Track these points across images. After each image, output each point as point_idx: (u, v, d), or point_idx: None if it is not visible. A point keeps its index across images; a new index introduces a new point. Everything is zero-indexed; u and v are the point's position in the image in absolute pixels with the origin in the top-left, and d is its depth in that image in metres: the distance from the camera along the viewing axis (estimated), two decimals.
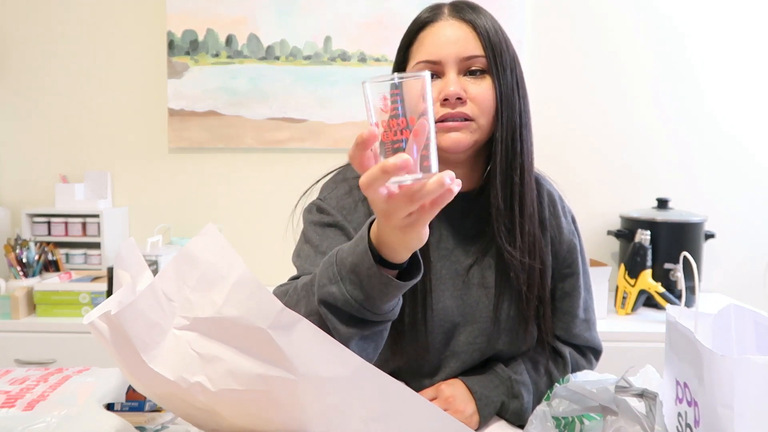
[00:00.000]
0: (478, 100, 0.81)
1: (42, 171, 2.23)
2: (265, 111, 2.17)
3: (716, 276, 2.19)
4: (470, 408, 0.85)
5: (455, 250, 0.90)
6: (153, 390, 0.62)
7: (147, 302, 0.59)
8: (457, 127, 0.81)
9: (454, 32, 0.82)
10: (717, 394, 0.58)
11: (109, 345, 0.59)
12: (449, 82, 0.80)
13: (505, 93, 0.83)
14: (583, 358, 0.96)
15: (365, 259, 0.65)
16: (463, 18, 0.83)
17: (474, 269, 0.89)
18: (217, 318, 0.57)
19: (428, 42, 0.83)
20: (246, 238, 2.21)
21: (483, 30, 0.82)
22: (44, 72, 2.21)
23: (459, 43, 0.81)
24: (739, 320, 0.72)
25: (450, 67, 0.81)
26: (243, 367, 0.57)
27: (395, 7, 2.11)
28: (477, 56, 0.81)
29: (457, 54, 0.81)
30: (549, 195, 0.95)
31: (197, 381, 0.57)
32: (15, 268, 1.92)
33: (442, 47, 0.81)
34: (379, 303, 0.67)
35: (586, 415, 0.66)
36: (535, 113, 0.90)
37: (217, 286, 0.58)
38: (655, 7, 2.14)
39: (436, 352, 0.89)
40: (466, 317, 0.89)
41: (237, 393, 0.57)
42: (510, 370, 0.89)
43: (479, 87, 0.82)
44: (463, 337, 0.89)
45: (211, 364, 0.58)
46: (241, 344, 0.57)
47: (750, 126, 2.17)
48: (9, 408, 0.67)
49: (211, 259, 0.59)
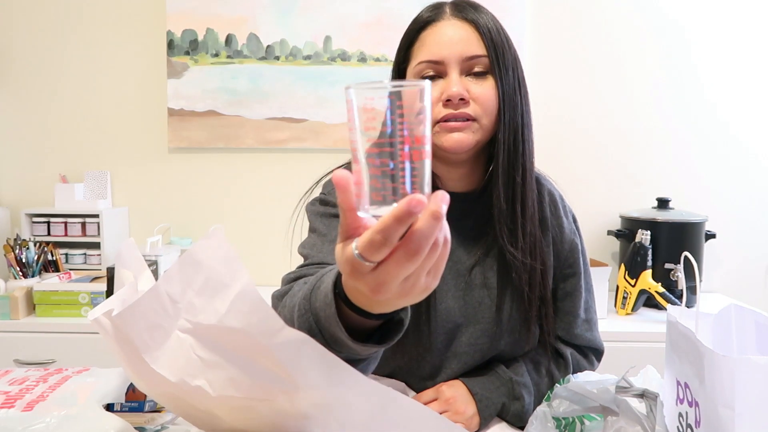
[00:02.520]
0: (480, 100, 0.81)
1: (42, 171, 2.23)
2: (265, 111, 2.17)
3: (717, 276, 2.19)
4: (471, 409, 0.84)
5: (457, 250, 0.89)
6: (154, 389, 0.63)
7: (149, 304, 0.59)
8: (460, 127, 0.81)
9: (456, 32, 0.81)
10: (718, 395, 0.58)
11: (113, 342, 0.59)
12: (452, 82, 0.80)
13: (508, 93, 0.82)
14: (584, 359, 0.96)
15: (332, 323, 0.56)
16: (466, 17, 0.82)
17: (476, 270, 0.89)
18: (220, 327, 0.57)
19: (430, 42, 0.82)
20: (246, 238, 2.21)
21: (485, 30, 0.81)
22: (44, 72, 2.21)
23: (462, 43, 0.80)
24: (740, 320, 0.72)
25: (452, 67, 0.80)
26: (244, 375, 0.57)
27: (395, 7, 2.11)
28: (480, 56, 0.81)
29: (460, 54, 0.80)
30: (550, 194, 0.95)
31: (198, 385, 0.57)
32: (14, 268, 1.92)
33: (445, 47, 0.80)
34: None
35: (587, 416, 0.66)
36: (535, 113, 0.90)
37: (220, 294, 0.57)
38: (656, 6, 2.14)
39: (438, 352, 0.89)
40: (469, 318, 0.88)
41: (237, 400, 0.57)
42: (511, 372, 0.88)
43: (482, 87, 0.81)
44: (465, 338, 0.89)
45: (213, 369, 0.58)
46: (243, 355, 0.57)
47: (751, 126, 2.17)
48: (9, 408, 0.67)
49: (216, 266, 0.58)
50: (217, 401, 0.58)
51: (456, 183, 0.90)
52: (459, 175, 0.90)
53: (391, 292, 0.46)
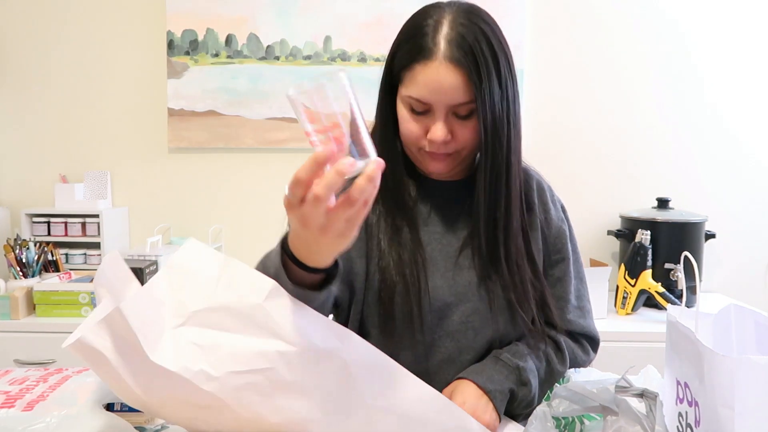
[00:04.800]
0: (462, 139, 0.86)
1: (42, 171, 2.23)
2: (265, 111, 2.17)
3: (717, 276, 2.19)
4: (488, 411, 0.83)
5: (446, 234, 0.94)
6: (152, 394, 0.62)
7: (144, 300, 0.60)
8: (442, 158, 0.87)
9: (446, 79, 0.81)
10: (718, 394, 0.58)
11: (101, 358, 0.59)
12: (437, 128, 0.84)
13: (491, 131, 0.83)
14: (579, 347, 0.96)
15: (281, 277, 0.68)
16: (459, 62, 0.81)
17: (464, 252, 0.93)
18: (212, 307, 0.61)
19: (421, 82, 0.83)
20: (246, 238, 2.21)
21: (476, 78, 0.81)
22: (44, 72, 2.21)
23: (450, 91, 0.82)
24: (740, 320, 0.72)
25: (439, 112, 0.84)
26: (242, 347, 0.60)
27: (395, 7, 2.11)
28: (466, 103, 0.83)
29: (448, 102, 0.83)
30: (538, 184, 0.99)
31: (200, 368, 0.59)
32: (14, 269, 1.92)
33: (434, 93, 0.82)
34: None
35: (587, 416, 0.66)
36: (535, 113, 0.91)
37: (208, 282, 0.62)
38: (655, 6, 2.14)
39: (430, 331, 0.91)
40: (459, 297, 0.91)
41: (239, 376, 0.59)
42: (516, 359, 0.89)
43: (466, 128, 0.85)
44: (456, 316, 0.91)
45: (212, 351, 0.60)
46: (237, 325, 0.60)
47: (751, 126, 2.17)
48: (9, 408, 0.67)
49: (199, 265, 0.63)
50: (220, 382, 0.59)
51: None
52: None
53: (314, 226, 0.59)
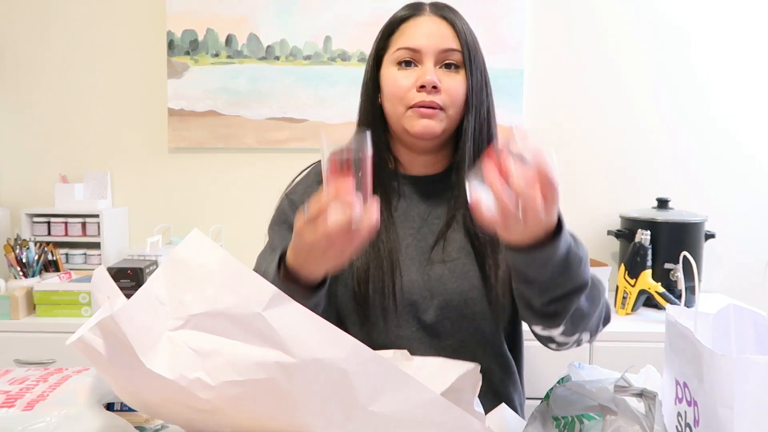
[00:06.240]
0: (450, 91, 0.89)
1: (42, 171, 2.23)
2: (265, 111, 2.17)
3: (716, 276, 2.19)
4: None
5: (421, 228, 0.96)
6: (149, 397, 0.62)
7: (141, 305, 0.59)
8: (429, 114, 0.89)
9: (434, 26, 0.91)
10: (717, 394, 0.58)
11: (101, 358, 0.59)
12: (426, 70, 0.89)
13: (476, 88, 0.91)
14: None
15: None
16: (444, 16, 0.92)
17: (437, 247, 0.95)
18: (211, 312, 0.59)
19: (410, 32, 0.92)
20: (246, 238, 2.20)
21: (461, 29, 0.91)
22: (44, 72, 2.21)
23: (439, 36, 0.90)
24: (739, 320, 0.72)
25: (428, 57, 0.89)
26: (241, 356, 0.58)
27: (395, 7, 2.10)
28: (454, 50, 0.90)
29: (436, 46, 0.89)
30: None
31: (196, 377, 0.57)
32: (15, 268, 1.92)
33: (423, 38, 0.90)
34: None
35: (586, 415, 0.66)
36: (535, 113, 0.92)
37: (208, 282, 0.60)
38: (655, 7, 2.14)
39: (407, 324, 0.92)
40: (432, 291, 0.92)
41: (237, 385, 0.58)
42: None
43: (453, 80, 0.90)
44: (432, 309, 0.92)
45: (209, 358, 0.58)
46: (237, 333, 0.58)
47: (750, 126, 2.17)
48: (9, 408, 0.67)
49: (200, 260, 0.61)
50: (217, 391, 0.58)
51: (420, 168, 0.99)
52: (423, 161, 0.98)
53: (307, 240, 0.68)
